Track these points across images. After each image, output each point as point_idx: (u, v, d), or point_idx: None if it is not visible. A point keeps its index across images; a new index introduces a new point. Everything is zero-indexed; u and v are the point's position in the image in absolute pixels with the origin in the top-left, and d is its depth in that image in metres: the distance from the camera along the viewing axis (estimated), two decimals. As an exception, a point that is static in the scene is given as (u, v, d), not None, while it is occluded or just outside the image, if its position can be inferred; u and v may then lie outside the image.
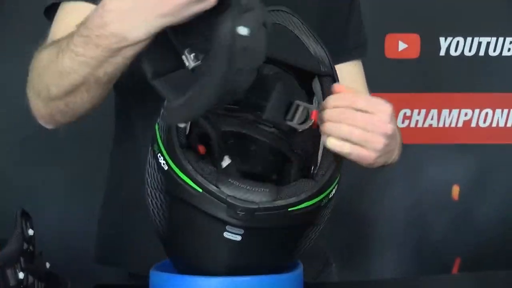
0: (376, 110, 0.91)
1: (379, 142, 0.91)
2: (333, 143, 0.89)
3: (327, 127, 0.90)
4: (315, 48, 0.95)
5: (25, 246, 0.92)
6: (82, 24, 0.90)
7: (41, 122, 1.08)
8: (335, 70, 0.96)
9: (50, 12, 1.15)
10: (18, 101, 1.95)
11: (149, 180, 0.93)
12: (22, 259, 0.90)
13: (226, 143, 0.99)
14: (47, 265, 0.97)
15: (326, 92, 0.94)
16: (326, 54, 0.95)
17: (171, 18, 0.83)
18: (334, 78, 0.95)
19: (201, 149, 0.88)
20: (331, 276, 1.29)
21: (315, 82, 0.96)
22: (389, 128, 0.91)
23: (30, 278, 0.91)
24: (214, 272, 0.89)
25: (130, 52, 0.88)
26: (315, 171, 0.91)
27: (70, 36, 0.93)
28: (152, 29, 0.84)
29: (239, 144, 1.03)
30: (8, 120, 1.90)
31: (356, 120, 0.89)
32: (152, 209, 0.94)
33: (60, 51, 0.94)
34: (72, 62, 0.92)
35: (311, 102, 0.99)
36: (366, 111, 0.90)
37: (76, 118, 1.03)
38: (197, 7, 0.81)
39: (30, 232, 0.94)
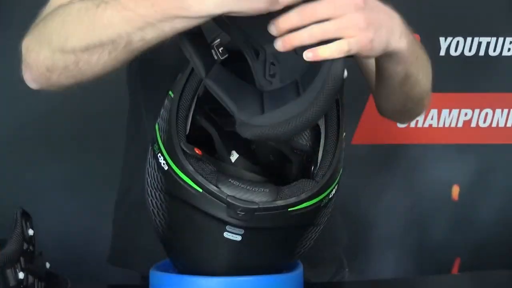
0: None
1: (357, 19, 0.83)
2: (322, 52, 0.82)
3: (299, 38, 0.82)
4: None
5: (25, 246, 0.92)
6: None
7: (29, 76, 1.02)
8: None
9: None
10: (18, 101, 1.95)
11: (149, 180, 0.93)
12: (22, 259, 0.90)
13: (230, 141, 0.99)
14: (47, 265, 0.97)
15: None
16: None
17: (244, 4, 0.80)
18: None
19: (198, 151, 0.88)
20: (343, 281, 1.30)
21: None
22: (358, 1, 0.83)
23: (30, 278, 0.91)
24: (214, 272, 0.89)
25: (181, 25, 0.83)
26: (315, 171, 0.91)
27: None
28: (219, 9, 0.80)
29: (239, 144, 1.03)
30: (8, 120, 1.90)
31: (321, 11, 0.81)
32: (152, 209, 0.94)
33: (103, 2, 0.87)
34: (116, 15, 0.86)
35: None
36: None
37: (72, 83, 0.96)
38: (267, 5, 0.80)
39: (30, 232, 0.94)
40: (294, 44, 0.83)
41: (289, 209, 0.86)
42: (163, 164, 0.88)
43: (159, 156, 0.89)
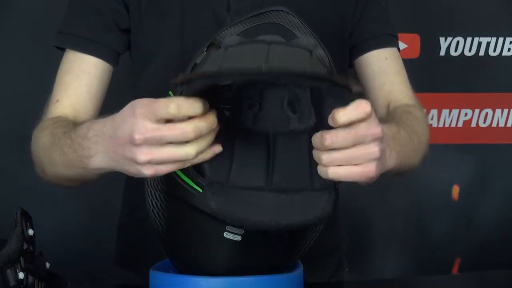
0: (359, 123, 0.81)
1: (373, 150, 0.82)
2: (323, 172, 0.82)
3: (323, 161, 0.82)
4: None
5: (25, 246, 0.92)
6: (74, 131, 0.97)
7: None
8: (335, 70, 0.95)
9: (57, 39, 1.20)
10: (18, 101, 1.94)
11: (149, 180, 0.93)
12: (22, 259, 0.90)
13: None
14: (47, 265, 0.97)
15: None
16: (326, 54, 0.95)
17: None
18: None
19: None
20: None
21: (315, 82, 0.96)
22: (378, 131, 0.81)
23: (30, 278, 0.91)
24: (214, 272, 0.89)
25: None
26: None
27: (65, 133, 1.01)
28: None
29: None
30: (8, 120, 1.90)
31: (341, 142, 0.80)
32: (152, 209, 0.94)
33: (54, 144, 1.03)
34: (60, 159, 1.01)
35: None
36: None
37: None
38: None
39: (30, 232, 0.94)
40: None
41: (289, 209, 0.86)
42: (163, 164, 0.88)
43: (159, 156, 0.89)
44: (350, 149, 0.81)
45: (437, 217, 2.12)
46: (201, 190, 0.85)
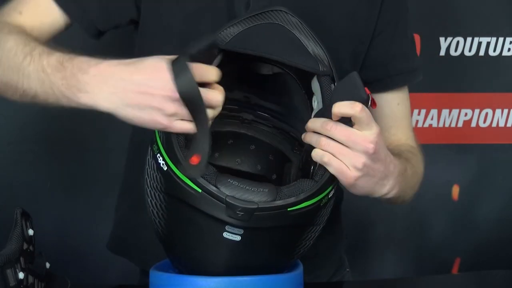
0: (361, 128, 0.89)
1: (358, 159, 0.89)
2: (314, 153, 0.90)
3: (308, 138, 0.92)
4: (314, 48, 0.95)
5: (25, 246, 0.92)
6: (67, 59, 0.94)
7: None
8: (334, 70, 0.96)
9: None
10: (17, 101, 1.93)
11: (148, 181, 0.93)
12: (22, 259, 0.90)
13: (226, 143, 0.99)
14: (47, 265, 0.97)
15: (325, 91, 0.94)
16: (325, 53, 0.95)
17: (131, 117, 0.89)
18: (333, 78, 0.95)
19: (195, 159, 0.88)
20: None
21: (314, 81, 0.96)
22: (370, 146, 0.89)
23: (30, 278, 0.91)
24: (213, 272, 0.89)
25: (74, 105, 0.94)
26: (314, 171, 0.91)
27: (48, 51, 0.97)
28: (107, 109, 0.90)
29: (238, 144, 1.03)
30: (8, 120, 1.90)
31: (336, 132, 0.89)
32: (152, 209, 0.94)
33: (30, 55, 0.98)
34: (34, 72, 0.97)
35: (311, 102, 0.99)
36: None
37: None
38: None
39: (30, 232, 0.94)
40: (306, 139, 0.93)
41: (288, 209, 0.86)
42: (162, 164, 0.88)
43: (158, 157, 0.89)
44: (341, 145, 0.88)
45: (437, 217, 2.12)
46: (200, 191, 0.85)
